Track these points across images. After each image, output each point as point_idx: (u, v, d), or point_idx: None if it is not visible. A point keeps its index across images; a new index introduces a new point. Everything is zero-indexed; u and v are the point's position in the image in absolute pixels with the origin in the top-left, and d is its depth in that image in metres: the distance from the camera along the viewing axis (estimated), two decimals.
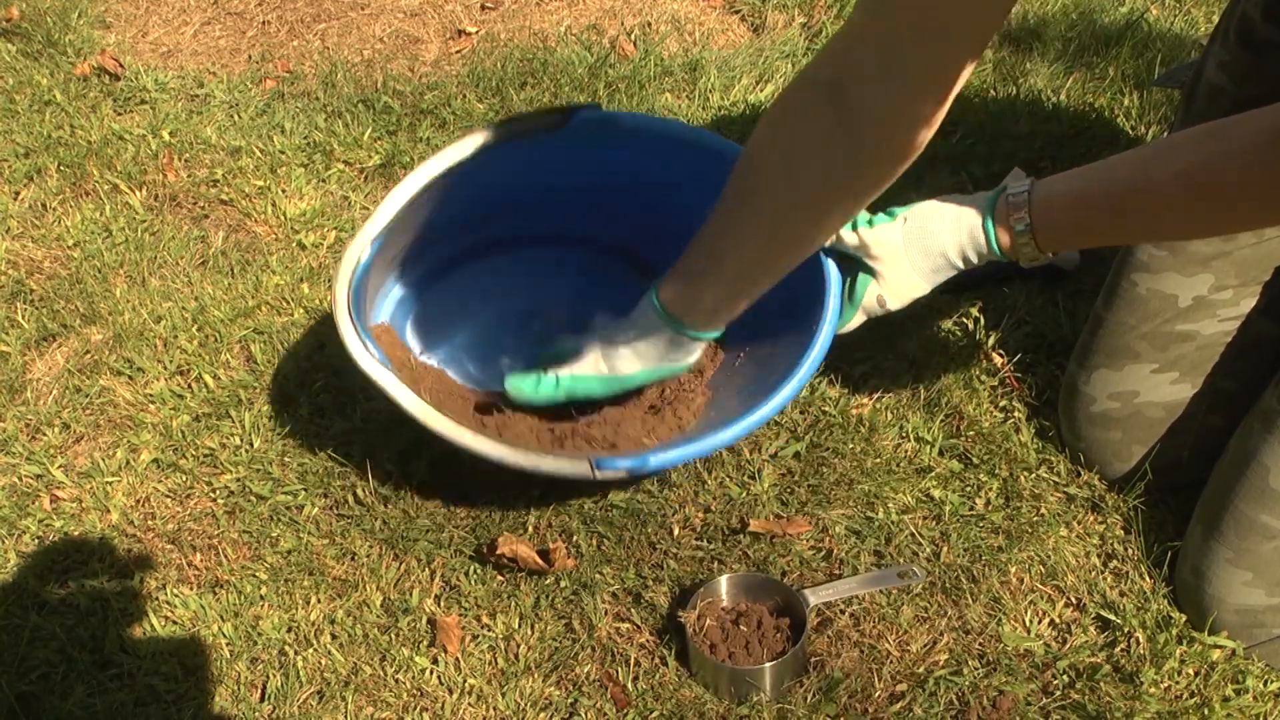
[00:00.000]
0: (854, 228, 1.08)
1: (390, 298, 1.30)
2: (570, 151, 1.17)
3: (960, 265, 1.06)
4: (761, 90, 1.78)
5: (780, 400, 1.06)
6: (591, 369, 1.14)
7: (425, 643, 1.12)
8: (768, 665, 1.04)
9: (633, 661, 1.09)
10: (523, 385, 1.16)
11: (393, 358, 1.20)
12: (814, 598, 1.09)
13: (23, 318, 1.49)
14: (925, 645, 1.09)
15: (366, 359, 1.06)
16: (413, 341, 1.32)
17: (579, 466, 1.04)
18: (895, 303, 1.10)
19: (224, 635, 1.13)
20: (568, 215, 1.30)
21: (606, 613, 1.13)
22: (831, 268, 1.12)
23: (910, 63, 0.81)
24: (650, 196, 1.26)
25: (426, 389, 1.23)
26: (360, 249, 1.10)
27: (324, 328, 1.44)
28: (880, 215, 1.08)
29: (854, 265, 1.10)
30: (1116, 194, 0.94)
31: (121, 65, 1.92)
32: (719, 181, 1.18)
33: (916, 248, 1.05)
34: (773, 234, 0.98)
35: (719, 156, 1.17)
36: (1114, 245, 1.16)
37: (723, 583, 1.11)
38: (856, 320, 1.13)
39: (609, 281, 1.36)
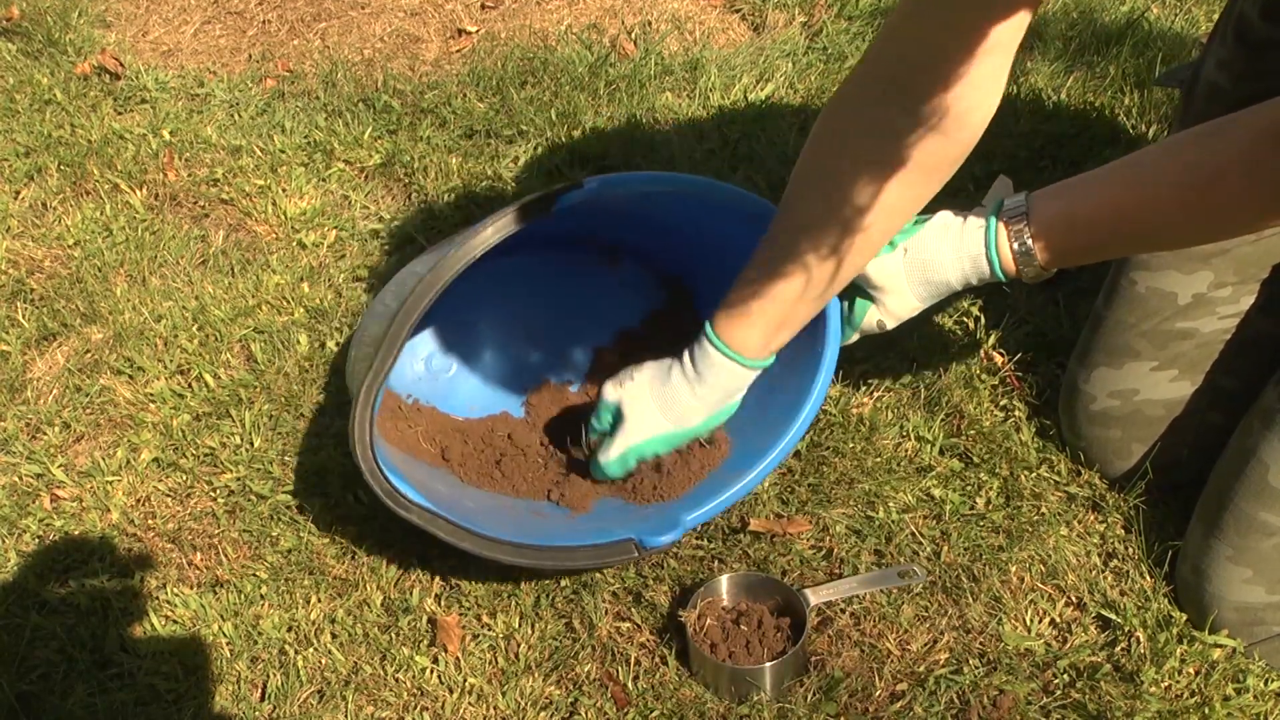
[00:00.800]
0: None
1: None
2: (563, 217, 1.13)
3: (960, 289, 1.05)
4: (762, 89, 1.77)
5: (794, 435, 1.10)
6: (653, 430, 1.10)
7: (426, 642, 1.12)
8: (768, 665, 1.04)
9: (633, 661, 1.09)
10: (594, 473, 1.16)
11: (383, 409, 1.19)
12: (814, 597, 1.09)
13: (23, 317, 1.49)
14: (926, 644, 1.09)
15: (404, 513, 1.04)
16: (423, 346, 1.31)
17: (622, 552, 1.06)
18: (893, 323, 1.10)
19: (224, 635, 1.13)
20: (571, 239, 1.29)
21: (607, 612, 1.13)
22: None
23: (954, 36, 0.82)
24: (654, 239, 1.26)
25: (423, 434, 1.22)
26: (372, 394, 1.05)
27: (324, 326, 1.44)
28: None
29: (851, 289, 1.09)
30: (1119, 200, 0.94)
31: (122, 64, 1.92)
32: (726, 223, 1.16)
33: (918, 279, 1.05)
34: (839, 237, 0.96)
35: (711, 200, 1.14)
36: (1119, 257, 1.15)
37: (723, 582, 1.11)
38: (852, 339, 1.13)
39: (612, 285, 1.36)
